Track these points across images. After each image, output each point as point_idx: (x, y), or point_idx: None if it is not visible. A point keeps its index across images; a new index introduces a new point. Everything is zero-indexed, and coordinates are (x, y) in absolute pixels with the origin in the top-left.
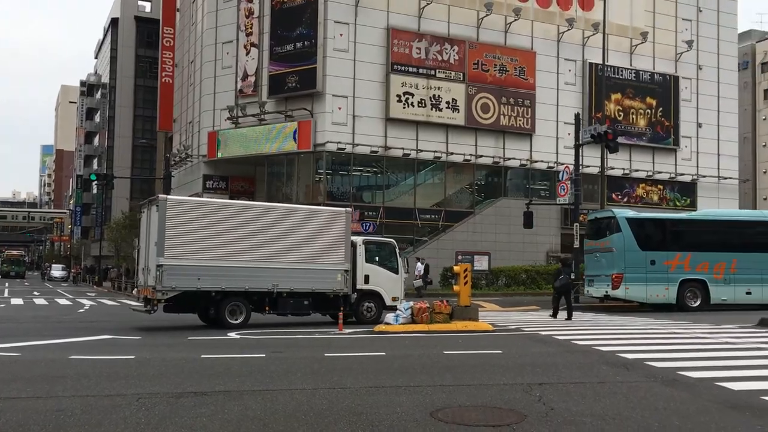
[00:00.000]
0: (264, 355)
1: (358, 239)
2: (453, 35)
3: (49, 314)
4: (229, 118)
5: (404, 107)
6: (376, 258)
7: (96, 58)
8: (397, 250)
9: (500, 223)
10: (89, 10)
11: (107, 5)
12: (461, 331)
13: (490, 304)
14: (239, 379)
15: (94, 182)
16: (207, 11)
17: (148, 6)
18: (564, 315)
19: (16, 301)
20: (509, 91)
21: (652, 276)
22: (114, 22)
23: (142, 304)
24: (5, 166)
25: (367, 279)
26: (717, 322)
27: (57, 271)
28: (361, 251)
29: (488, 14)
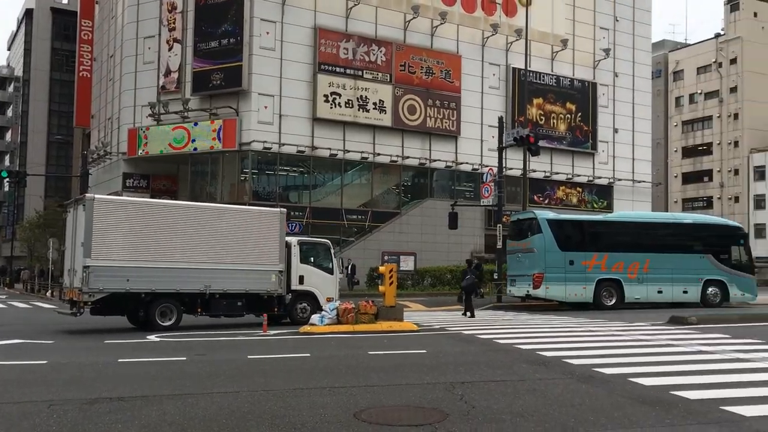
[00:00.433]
0: (185, 359)
1: (292, 239)
2: (380, 37)
3: None
4: (150, 115)
5: (331, 107)
6: (310, 258)
7: (9, 50)
8: (332, 251)
9: (426, 223)
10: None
11: None
12: (387, 332)
13: (416, 304)
14: (158, 383)
15: (5, 179)
16: (128, 4)
17: None
18: (470, 314)
19: None
20: (435, 94)
21: (570, 276)
22: (29, 13)
23: (68, 306)
24: None
25: (301, 279)
26: (631, 320)
27: None
28: (295, 252)
29: (415, 17)
